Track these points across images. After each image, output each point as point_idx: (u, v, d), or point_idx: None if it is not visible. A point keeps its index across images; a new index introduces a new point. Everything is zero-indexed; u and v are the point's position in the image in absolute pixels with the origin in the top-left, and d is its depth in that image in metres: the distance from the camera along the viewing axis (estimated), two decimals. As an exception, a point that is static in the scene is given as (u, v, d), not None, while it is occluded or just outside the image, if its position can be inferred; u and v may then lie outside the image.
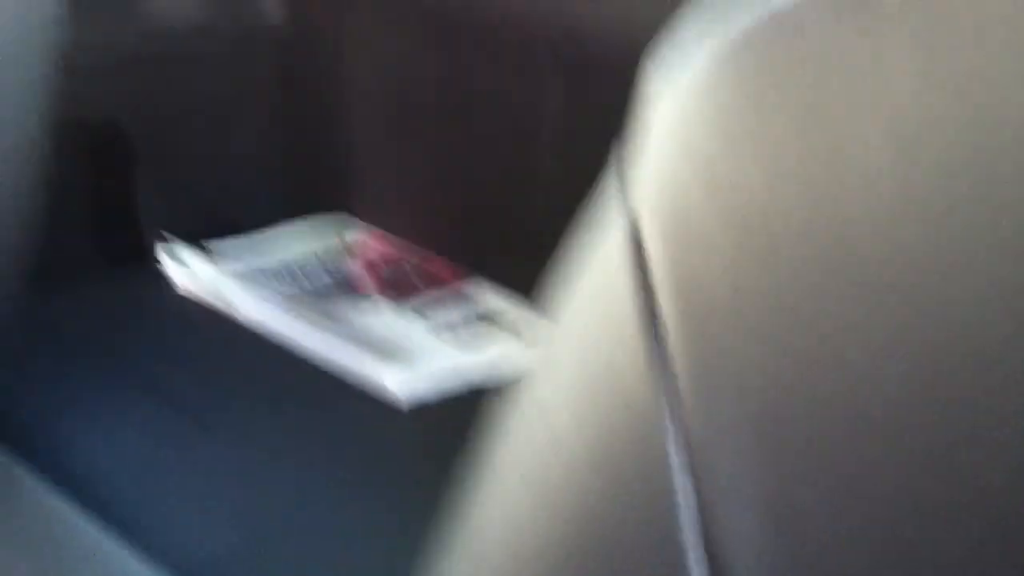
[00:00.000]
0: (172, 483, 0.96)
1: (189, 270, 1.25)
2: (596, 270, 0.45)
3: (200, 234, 1.31)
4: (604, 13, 1.11)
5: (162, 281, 1.25)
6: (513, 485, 0.51)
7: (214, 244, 1.31)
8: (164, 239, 1.29)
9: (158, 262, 1.27)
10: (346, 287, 1.27)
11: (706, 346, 0.40)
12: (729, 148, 0.39)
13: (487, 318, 1.24)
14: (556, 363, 0.48)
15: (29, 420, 0.99)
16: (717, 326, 0.40)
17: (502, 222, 1.29)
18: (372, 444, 1.05)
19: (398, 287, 1.28)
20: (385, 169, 1.39)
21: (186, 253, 1.27)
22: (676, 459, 0.41)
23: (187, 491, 0.96)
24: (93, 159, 1.28)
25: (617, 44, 1.11)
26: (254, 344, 1.15)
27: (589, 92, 1.17)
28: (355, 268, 1.31)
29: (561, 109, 1.20)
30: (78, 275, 1.20)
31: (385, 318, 1.21)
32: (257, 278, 1.25)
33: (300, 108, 1.42)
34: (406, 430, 1.08)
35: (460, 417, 1.10)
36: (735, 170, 0.39)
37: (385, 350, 1.13)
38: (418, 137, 1.34)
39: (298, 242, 1.35)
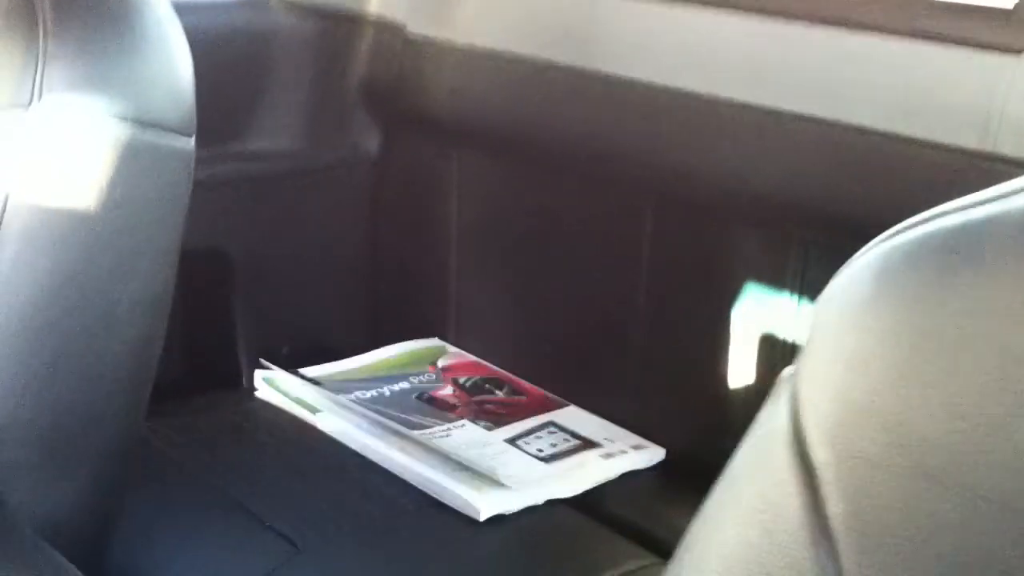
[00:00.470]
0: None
1: (283, 395, 1.27)
2: (762, 475, 0.45)
3: (295, 360, 1.34)
4: (698, 155, 1.13)
5: (257, 405, 1.28)
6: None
7: (309, 370, 1.33)
8: (260, 365, 1.31)
9: (254, 387, 1.29)
10: (437, 415, 1.28)
11: (875, 552, 0.40)
12: (897, 372, 0.39)
13: (579, 447, 1.23)
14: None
15: (127, 540, 1.00)
16: (887, 538, 0.40)
17: (594, 350, 1.30)
18: (455, 559, 1.05)
19: (489, 415, 1.29)
20: (478, 295, 1.41)
21: (281, 378, 1.29)
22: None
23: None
24: (193, 284, 1.32)
25: (710, 185, 1.13)
26: (345, 466, 1.16)
27: (682, 228, 1.19)
28: (446, 395, 1.33)
29: (655, 242, 1.22)
30: (175, 398, 1.23)
31: (475, 447, 1.21)
32: (350, 403, 1.26)
33: (394, 235, 1.45)
34: (489, 544, 1.08)
35: (537, 529, 1.11)
36: (904, 395, 0.39)
37: (474, 480, 1.13)
38: (511, 264, 1.36)
39: (391, 368, 1.37)
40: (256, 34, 1.33)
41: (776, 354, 1.13)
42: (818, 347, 0.43)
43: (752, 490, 0.44)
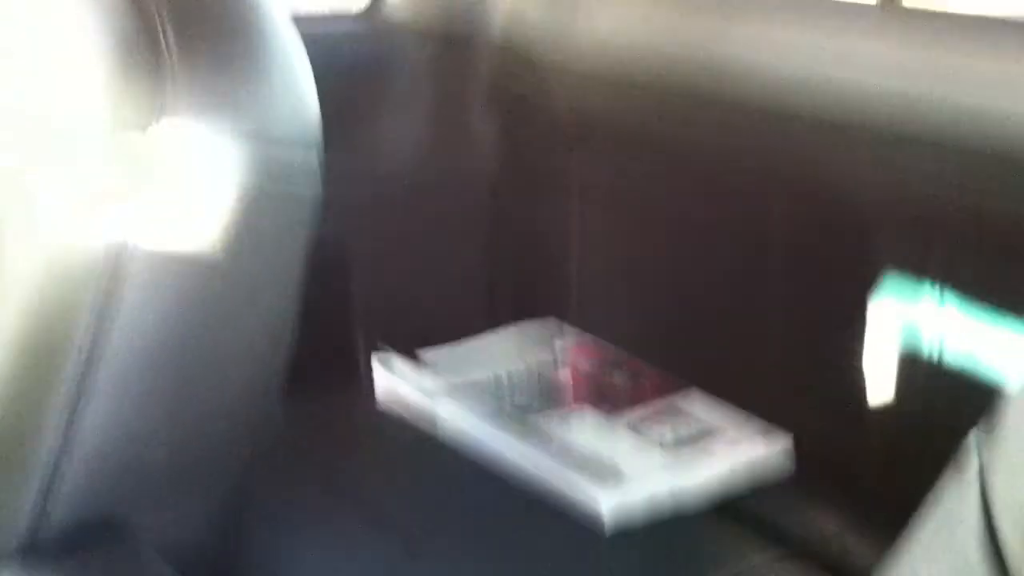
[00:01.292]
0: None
1: (400, 381, 1.26)
2: (950, 555, 0.41)
3: (414, 343, 1.32)
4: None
5: (375, 391, 1.27)
6: None
7: (427, 354, 1.31)
8: (378, 348, 1.30)
9: (371, 371, 1.28)
10: (556, 399, 1.26)
11: None
12: None
13: (703, 433, 1.20)
14: None
15: (246, 536, 1.00)
16: None
17: (719, 333, 1.25)
18: (576, 566, 1.03)
19: (609, 399, 1.26)
20: (597, 275, 1.37)
21: (399, 363, 1.28)
22: None
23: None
24: (313, 271, 1.31)
25: (839, 183, 1.08)
26: (461, 462, 1.15)
27: (819, 221, 1.14)
28: (565, 379, 1.30)
29: (788, 232, 1.17)
30: (293, 388, 1.22)
31: (595, 433, 1.19)
32: (467, 390, 1.24)
33: (513, 218, 1.42)
34: (612, 549, 1.05)
35: (666, 541, 1.08)
36: None
37: (595, 469, 1.10)
38: (633, 247, 1.33)
39: (508, 351, 1.35)
40: (379, 57, 1.32)
41: (915, 349, 1.08)
42: (1016, 435, 0.39)
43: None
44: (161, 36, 0.65)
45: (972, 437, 0.43)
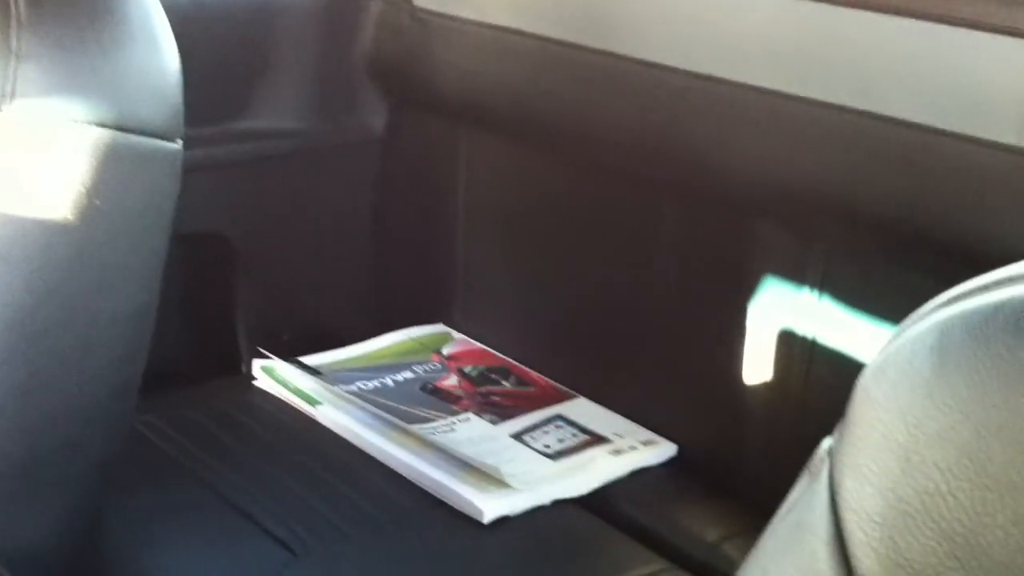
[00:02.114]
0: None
1: (283, 385, 1.23)
2: (799, 564, 0.40)
3: (296, 346, 1.29)
4: (719, 144, 1.07)
5: (256, 395, 1.23)
6: None
7: (309, 358, 1.28)
8: (259, 353, 1.27)
9: (253, 377, 1.25)
10: (441, 402, 1.24)
11: None
12: (959, 470, 0.34)
13: (588, 443, 1.19)
14: None
15: (118, 541, 0.96)
16: None
17: (606, 340, 1.25)
18: (459, 564, 1.01)
19: (495, 407, 1.24)
20: (485, 280, 1.36)
21: (280, 367, 1.25)
22: None
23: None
24: (191, 267, 1.27)
25: (730, 174, 1.08)
26: (346, 463, 1.12)
27: (703, 222, 1.14)
28: (451, 386, 1.28)
29: (671, 232, 1.16)
30: (170, 386, 1.19)
31: (480, 442, 1.17)
32: (350, 396, 1.21)
33: (399, 218, 1.40)
34: (494, 547, 1.04)
35: (545, 532, 1.07)
36: (967, 500, 0.34)
37: (479, 480, 1.09)
38: (520, 249, 1.31)
39: (394, 357, 1.32)
40: (258, 7, 1.27)
41: (795, 352, 1.08)
42: (862, 432, 0.38)
43: None
44: (13, 10, 0.62)
45: (825, 443, 0.42)
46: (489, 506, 1.05)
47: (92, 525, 0.82)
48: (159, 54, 0.70)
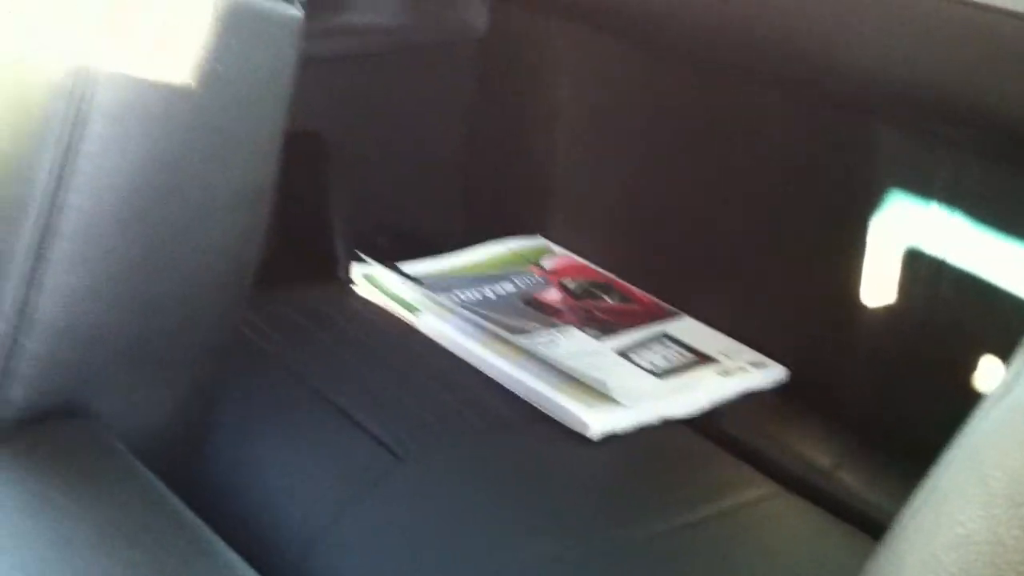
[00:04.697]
0: (363, 513, 0.90)
1: (382, 292, 1.20)
2: (1020, 420, 0.35)
3: (394, 253, 1.26)
4: (834, 40, 1.01)
5: (355, 299, 1.20)
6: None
7: (408, 265, 1.25)
8: (358, 257, 1.23)
9: (351, 281, 1.22)
10: (543, 319, 1.20)
11: None
12: None
13: (694, 362, 1.15)
14: None
15: (219, 442, 0.94)
16: None
17: (713, 258, 1.20)
18: (564, 476, 0.98)
19: (598, 322, 1.20)
20: (584, 191, 1.31)
21: (379, 272, 1.22)
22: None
23: (378, 520, 0.89)
24: (286, 167, 1.23)
25: (847, 74, 1.01)
26: (447, 371, 1.09)
27: (819, 127, 1.07)
28: (552, 299, 1.24)
29: (782, 140, 1.11)
30: (268, 287, 1.16)
31: (583, 356, 1.13)
32: (452, 305, 1.18)
33: (498, 124, 1.35)
34: (599, 462, 1.00)
35: (652, 449, 1.04)
36: None
37: (583, 394, 1.05)
38: (622, 158, 1.26)
39: (493, 267, 1.29)
40: None
41: (921, 271, 1.03)
42: None
43: (1004, 474, 0.35)
44: None
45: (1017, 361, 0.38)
46: (596, 421, 1.02)
47: (204, 412, 0.80)
48: None
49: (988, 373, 0.99)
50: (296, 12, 0.66)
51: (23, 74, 0.61)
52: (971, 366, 0.99)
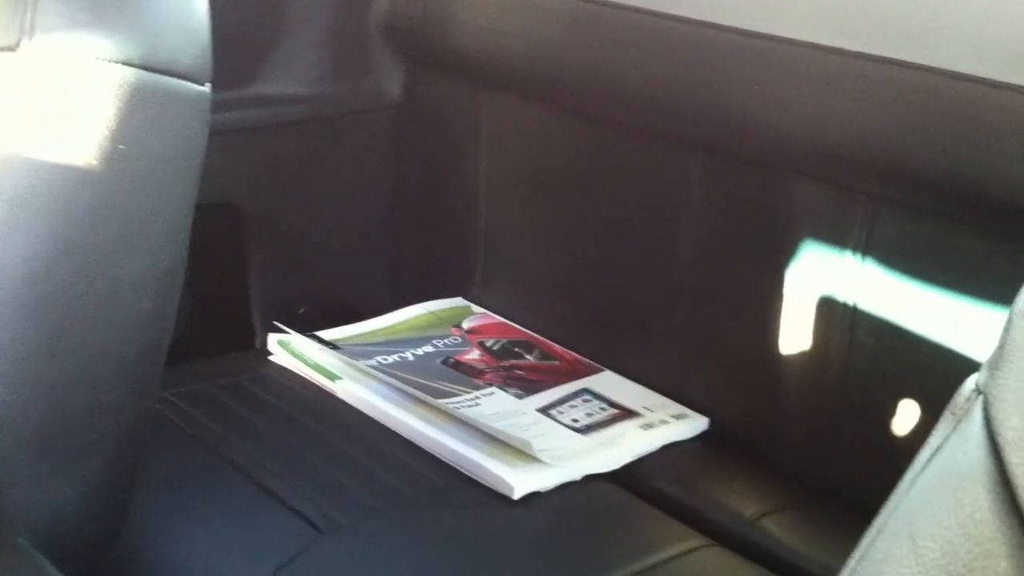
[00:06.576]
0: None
1: (300, 360, 1.18)
2: (954, 523, 0.36)
3: (312, 321, 1.25)
4: (755, 100, 1.03)
5: (272, 369, 1.19)
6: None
7: (326, 332, 1.24)
8: (274, 327, 1.22)
9: (268, 351, 1.21)
10: (464, 376, 1.20)
11: None
12: None
13: (617, 417, 1.15)
14: None
15: (135, 522, 0.92)
16: None
17: (632, 312, 1.21)
18: (491, 540, 0.97)
19: (520, 381, 1.20)
20: (505, 253, 1.31)
21: (296, 340, 1.21)
22: None
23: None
24: (203, 238, 1.22)
25: (766, 132, 1.03)
26: (368, 438, 1.08)
27: (737, 183, 1.09)
28: (473, 357, 1.24)
29: (704, 194, 1.12)
30: (183, 361, 1.14)
31: (504, 409, 1.13)
32: (371, 369, 1.17)
33: (418, 189, 1.35)
34: (526, 523, 1.00)
35: (579, 507, 1.03)
36: None
37: (506, 455, 1.04)
38: (543, 219, 1.27)
39: (413, 329, 1.28)
40: None
41: (835, 320, 1.04)
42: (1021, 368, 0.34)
43: (937, 544, 0.35)
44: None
45: (970, 381, 0.38)
46: (520, 481, 1.01)
47: (120, 497, 0.78)
48: None
49: (908, 419, 1.00)
50: (204, 89, 0.66)
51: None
52: (890, 412, 1.01)
